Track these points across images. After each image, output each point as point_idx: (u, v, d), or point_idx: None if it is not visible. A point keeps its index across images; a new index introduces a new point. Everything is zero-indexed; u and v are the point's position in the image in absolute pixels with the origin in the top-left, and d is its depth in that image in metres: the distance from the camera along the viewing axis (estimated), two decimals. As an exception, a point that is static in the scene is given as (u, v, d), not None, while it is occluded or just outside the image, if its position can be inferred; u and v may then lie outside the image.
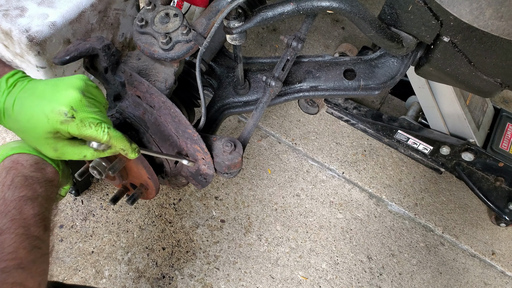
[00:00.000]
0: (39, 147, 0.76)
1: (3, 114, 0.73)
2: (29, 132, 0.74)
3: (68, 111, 0.71)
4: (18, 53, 0.98)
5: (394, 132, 1.77)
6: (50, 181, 0.82)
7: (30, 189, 0.77)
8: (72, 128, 0.72)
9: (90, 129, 0.73)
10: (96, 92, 0.77)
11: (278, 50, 2.11)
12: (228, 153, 0.95)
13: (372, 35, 0.99)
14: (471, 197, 1.79)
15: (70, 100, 0.72)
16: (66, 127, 0.72)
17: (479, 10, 0.81)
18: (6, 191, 0.75)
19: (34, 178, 0.79)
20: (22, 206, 0.75)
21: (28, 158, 0.81)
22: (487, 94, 1.08)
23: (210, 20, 0.90)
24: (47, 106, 0.71)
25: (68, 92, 0.73)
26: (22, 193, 0.76)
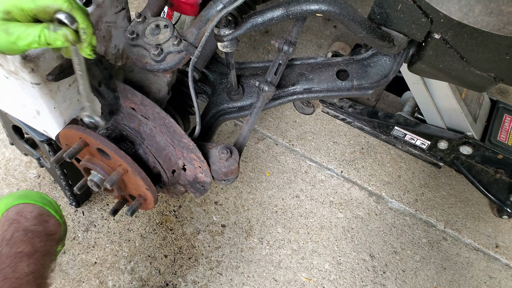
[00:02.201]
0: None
1: None
2: None
3: None
4: (12, 70, 0.98)
5: (391, 129, 1.77)
6: (51, 235, 0.82)
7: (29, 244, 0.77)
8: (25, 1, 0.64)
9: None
10: None
11: (271, 52, 2.11)
12: (225, 160, 0.95)
13: (362, 36, 0.99)
14: (471, 191, 1.79)
15: None
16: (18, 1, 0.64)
17: (468, 7, 0.81)
18: (4, 247, 0.76)
19: (35, 232, 0.79)
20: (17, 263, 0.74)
21: (32, 209, 0.82)
22: (482, 89, 1.08)
23: (200, 29, 0.90)
24: None
25: None
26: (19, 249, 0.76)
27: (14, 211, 0.82)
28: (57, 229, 0.85)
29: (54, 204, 0.89)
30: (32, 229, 0.80)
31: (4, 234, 0.78)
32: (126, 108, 0.92)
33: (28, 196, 0.85)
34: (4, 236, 0.78)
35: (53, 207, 0.87)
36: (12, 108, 1.22)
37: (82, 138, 0.88)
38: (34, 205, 0.83)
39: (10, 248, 0.76)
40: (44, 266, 0.80)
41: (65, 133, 0.92)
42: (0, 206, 0.85)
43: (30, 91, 1.02)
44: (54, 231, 0.84)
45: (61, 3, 0.65)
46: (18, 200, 0.83)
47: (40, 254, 0.79)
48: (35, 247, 0.78)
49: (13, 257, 0.75)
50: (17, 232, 0.78)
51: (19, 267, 0.75)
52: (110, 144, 0.86)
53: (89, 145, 0.90)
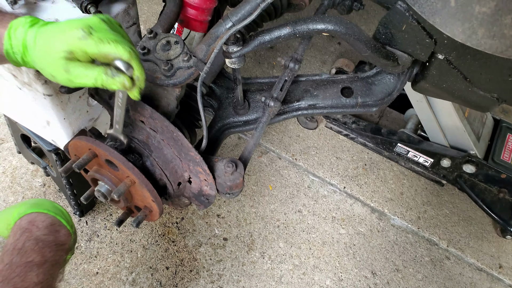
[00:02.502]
0: (52, 71, 0.73)
1: (25, 47, 0.73)
2: (45, 56, 0.72)
3: (86, 29, 0.70)
4: (26, 82, 1.01)
5: (393, 146, 1.78)
6: (61, 245, 0.84)
7: (39, 254, 0.79)
8: (89, 45, 0.69)
9: (109, 45, 0.69)
10: (121, 29, 0.75)
11: (275, 67, 2.14)
12: (230, 173, 0.96)
13: (367, 55, 1.01)
14: (474, 209, 1.79)
15: (90, 22, 0.71)
16: (83, 44, 0.69)
17: (471, 30, 0.83)
18: (15, 256, 0.77)
19: (45, 241, 0.81)
20: (27, 273, 0.76)
21: (44, 219, 0.84)
22: (485, 109, 1.09)
23: (209, 46, 0.92)
24: (66, 27, 0.71)
25: (90, 18, 0.73)
26: (29, 259, 0.77)
27: (26, 220, 0.83)
28: (67, 239, 0.86)
29: (66, 214, 0.91)
30: (43, 239, 0.81)
31: (16, 242, 0.79)
32: (135, 121, 0.94)
33: (41, 205, 0.86)
34: (16, 244, 0.79)
35: (65, 217, 0.89)
36: (22, 118, 1.25)
37: (91, 149, 0.90)
38: (46, 215, 0.84)
39: (21, 257, 0.77)
40: (53, 276, 0.81)
41: (75, 143, 0.94)
42: (13, 214, 0.86)
43: (42, 102, 1.05)
44: (64, 241, 0.85)
45: (122, 53, 0.71)
46: (31, 209, 0.85)
47: (50, 264, 0.80)
48: (45, 257, 0.79)
49: (23, 266, 0.76)
50: (28, 241, 0.79)
51: (28, 277, 0.76)
52: (119, 155, 0.87)
53: (97, 156, 0.91)
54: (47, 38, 0.72)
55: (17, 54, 0.75)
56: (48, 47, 0.72)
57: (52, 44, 0.71)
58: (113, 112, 0.97)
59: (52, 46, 0.71)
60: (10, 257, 0.77)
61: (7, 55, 0.76)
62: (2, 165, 1.68)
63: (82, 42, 0.70)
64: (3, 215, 0.90)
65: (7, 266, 0.76)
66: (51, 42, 0.72)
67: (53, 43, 0.71)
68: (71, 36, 0.70)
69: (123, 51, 0.71)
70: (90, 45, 0.70)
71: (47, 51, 0.72)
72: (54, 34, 0.72)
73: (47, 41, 0.72)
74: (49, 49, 0.72)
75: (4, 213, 0.91)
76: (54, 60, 0.71)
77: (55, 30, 0.72)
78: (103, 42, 0.70)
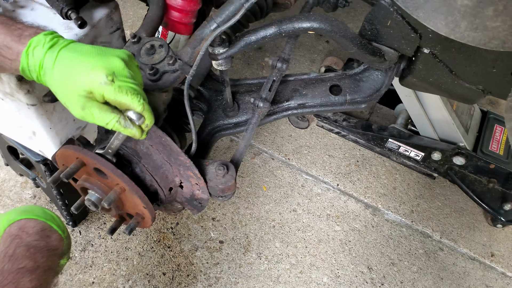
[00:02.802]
0: (68, 103, 0.75)
1: (41, 68, 0.74)
2: (64, 87, 0.73)
3: (109, 75, 0.72)
4: (8, 92, 0.99)
5: (385, 141, 1.79)
6: (54, 250, 0.83)
7: (31, 259, 0.78)
8: (108, 92, 0.72)
9: (127, 96, 0.73)
10: (137, 70, 0.78)
11: (265, 68, 2.14)
12: (221, 176, 0.95)
13: (354, 52, 1.01)
14: (466, 200, 1.80)
15: (114, 65, 0.73)
16: (103, 89, 0.72)
17: (454, 23, 0.83)
18: (6, 263, 0.76)
19: (37, 247, 0.80)
20: (20, 279, 0.75)
21: (34, 224, 0.83)
22: (471, 101, 1.10)
23: (195, 48, 0.92)
24: (91, 65, 0.72)
25: (114, 59, 0.74)
26: (21, 265, 0.76)
27: (16, 226, 0.82)
28: (59, 244, 0.85)
29: (57, 219, 0.90)
30: (34, 245, 0.80)
31: (7, 250, 0.78)
32: (123, 127, 0.93)
33: (31, 211, 0.86)
34: (6, 252, 0.78)
35: (56, 222, 0.88)
36: (7, 129, 1.23)
37: (79, 158, 0.89)
38: (36, 220, 0.84)
39: (12, 264, 0.76)
40: (47, 282, 0.80)
41: (62, 153, 0.92)
42: (2, 221, 0.85)
43: (26, 112, 1.03)
44: (56, 246, 0.84)
45: (136, 105, 0.75)
46: (20, 215, 0.84)
47: (42, 269, 0.79)
48: (37, 263, 0.78)
49: (15, 273, 0.76)
50: (19, 247, 0.79)
51: (21, 283, 0.75)
52: (107, 163, 0.86)
53: (86, 164, 0.90)
54: (68, 69, 0.73)
55: (33, 73, 0.76)
56: (67, 79, 0.73)
57: (72, 79, 0.72)
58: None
59: (72, 81, 0.72)
60: (1, 264, 0.76)
61: (23, 72, 0.76)
62: (-10, 177, 1.66)
63: (103, 87, 0.72)
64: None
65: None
66: (71, 75, 0.72)
67: (73, 77, 0.72)
68: (93, 79, 0.71)
69: (137, 104, 0.74)
70: (109, 91, 0.72)
71: (65, 83, 0.73)
72: (76, 67, 0.72)
73: (66, 72, 0.73)
74: (69, 82, 0.72)
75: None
76: (73, 95, 0.73)
77: (77, 63, 0.72)
78: (121, 91, 0.72)
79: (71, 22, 1.01)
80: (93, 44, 0.77)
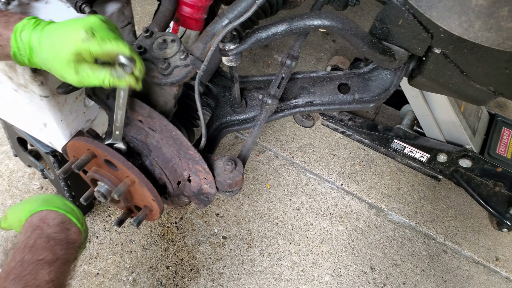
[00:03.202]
0: (63, 73, 0.77)
1: (31, 50, 0.77)
2: (54, 59, 0.76)
3: (88, 31, 0.74)
4: (22, 83, 1.00)
5: (390, 142, 1.79)
6: (72, 243, 0.84)
7: (51, 251, 0.79)
8: (93, 46, 0.74)
9: (111, 43, 0.75)
10: (115, 28, 0.81)
11: (271, 66, 2.14)
12: (229, 171, 0.96)
13: (364, 50, 1.01)
14: (471, 203, 1.80)
15: (91, 23, 0.76)
16: (88, 45, 0.74)
17: (468, 23, 0.83)
18: (27, 253, 0.78)
19: (56, 239, 0.81)
20: (38, 270, 0.76)
21: (55, 216, 0.84)
22: (481, 102, 1.10)
23: (206, 44, 0.92)
24: (70, 29, 0.75)
25: (90, 18, 0.77)
26: (41, 256, 0.77)
27: (37, 217, 0.83)
28: (78, 237, 0.86)
29: (77, 212, 0.90)
30: (54, 237, 0.81)
31: (27, 240, 0.79)
32: (133, 121, 0.94)
33: (52, 202, 0.86)
34: (27, 242, 0.79)
35: (75, 215, 0.88)
36: (18, 120, 1.24)
37: (90, 150, 0.90)
38: (57, 212, 0.84)
39: (33, 255, 0.77)
40: (64, 274, 0.80)
41: (73, 144, 0.93)
42: (24, 210, 0.86)
43: (39, 104, 1.04)
44: (75, 239, 0.85)
45: (124, 49, 0.77)
46: (41, 206, 0.85)
47: (61, 262, 0.79)
48: (56, 255, 0.79)
49: (35, 264, 0.76)
50: (39, 239, 0.79)
51: (40, 275, 0.76)
52: (118, 155, 0.87)
53: (96, 156, 0.91)
54: (52, 40, 0.76)
55: (24, 56, 0.79)
56: (54, 49, 0.76)
57: (58, 47, 0.75)
58: (111, 112, 0.97)
59: (59, 49, 0.75)
60: (22, 255, 0.77)
61: (15, 57, 0.80)
62: (-2, 168, 1.67)
63: (86, 43, 0.74)
64: (15, 211, 0.90)
65: (19, 263, 0.76)
66: (57, 44, 0.76)
67: (59, 46, 0.75)
68: (76, 38, 0.74)
69: (124, 47, 0.76)
70: (94, 45, 0.75)
71: (54, 54, 0.76)
72: (58, 36, 0.76)
73: (52, 44, 0.76)
74: (56, 52, 0.76)
75: (16, 208, 0.91)
76: (63, 62, 0.76)
77: (59, 32, 0.76)
78: (105, 41, 0.75)
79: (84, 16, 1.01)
80: None
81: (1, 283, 0.74)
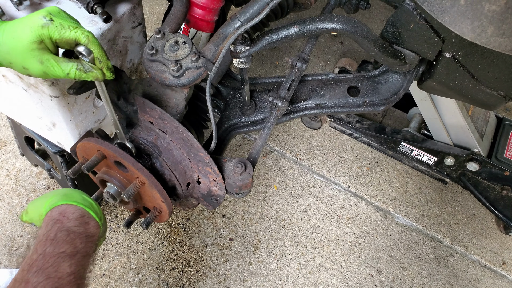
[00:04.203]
0: (26, 63, 0.77)
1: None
2: (16, 49, 0.76)
3: (47, 15, 0.75)
4: (32, 83, 1.00)
5: (397, 145, 1.79)
6: (91, 237, 0.85)
7: (71, 245, 0.80)
8: (53, 31, 0.75)
9: (70, 31, 0.76)
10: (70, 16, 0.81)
11: (278, 67, 2.14)
12: (239, 174, 0.96)
13: (375, 54, 1.01)
14: (478, 207, 1.79)
15: (48, 9, 0.77)
16: (47, 30, 0.75)
17: (480, 28, 0.83)
18: (48, 246, 0.78)
19: (76, 233, 0.82)
20: (60, 263, 0.77)
21: (74, 210, 0.84)
22: (491, 107, 1.09)
23: (218, 46, 0.92)
24: (28, 18, 0.76)
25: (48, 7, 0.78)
26: (62, 249, 0.78)
27: (57, 211, 0.84)
28: (96, 231, 0.86)
29: (95, 206, 0.91)
30: (74, 230, 0.81)
31: (48, 233, 0.80)
32: (144, 122, 0.94)
33: (71, 197, 0.87)
34: (48, 235, 0.80)
35: (94, 209, 0.89)
36: (27, 120, 1.24)
37: (100, 151, 0.90)
38: (76, 207, 0.85)
39: (54, 248, 0.78)
40: (84, 267, 0.81)
41: (83, 145, 0.93)
42: (45, 205, 0.87)
43: (48, 104, 1.04)
44: (94, 233, 0.85)
45: (80, 36, 0.77)
46: (61, 200, 0.85)
47: (81, 255, 0.80)
48: (76, 248, 0.80)
49: (56, 257, 0.77)
50: (60, 232, 0.80)
51: (61, 267, 0.76)
52: (128, 157, 0.87)
53: (106, 157, 0.91)
54: (13, 31, 0.76)
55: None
56: (15, 40, 0.76)
57: (19, 36, 0.76)
58: (120, 112, 0.97)
59: (20, 38, 0.75)
60: (44, 247, 0.78)
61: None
62: (5, 167, 1.68)
63: (46, 29, 0.75)
64: (36, 205, 0.91)
65: (41, 256, 0.77)
66: (17, 34, 0.75)
67: (19, 35, 0.75)
68: (35, 24, 0.75)
69: (81, 35, 0.76)
70: (53, 31, 0.75)
71: (15, 44, 0.76)
72: (18, 26, 0.76)
73: (13, 35, 0.76)
74: (17, 41, 0.75)
75: (36, 203, 0.92)
76: (26, 51, 0.75)
77: (18, 23, 0.76)
78: (64, 28, 0.75)
79: (95, 16, 1.02)
80: (115, 39, 0.79)
81: (24, 275, 0.74)
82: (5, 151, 1.72)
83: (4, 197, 1.61)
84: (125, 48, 1.15)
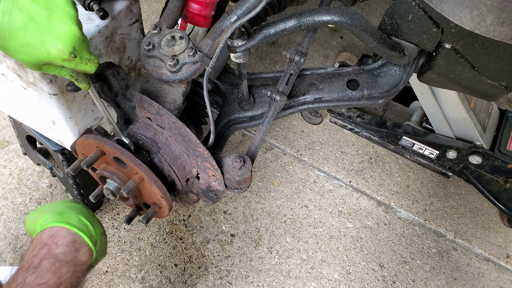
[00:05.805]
0: (24, 64, 0.75)
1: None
2: (20, 55, 0.73)
3: (71, 52, 0.72)
4: (31, 81, 1.00)
5: (399, 139, 1.78)
6: (80, 265, 0.80)
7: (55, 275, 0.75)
8: (71, 65, 0.74)
9: (85, 66, 0.76)
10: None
11: (278, 63, 2.14)
12: (238, 169, 0.96)
13: (373, 46, 1.00)
14: (481, 200, 1.78)
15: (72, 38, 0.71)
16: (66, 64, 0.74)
17: (480, 17, 0.82)
18: (30, 275, 0.74)
19: (63, 261, 0.77)
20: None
21: (66, 235, 0.80)
22: (493, 98, 1.08)
23: (214, 40, 0.92)
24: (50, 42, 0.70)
25: (68, 27, 0.71)
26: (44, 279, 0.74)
27: (48, 234, 0.80)
28: (87, 259, 0.82)
29: (91, 229, 0.86)
30: (61, 258, 0.77)
31: (33, 259, 0.76)
32: (142, 118, 0.94)
33: (66, 217, 0.83)
34: (32, 261, 0.76)
35: (89, 233, 0.84)
36: (27, 119, 1.24)
37: (99, 147, 0.90)
38: (68, 230, 0.81)
39: (35, 278, 0.74)
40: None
41: (82, 142, 0.94)
42: (38, 222, 0.84)
43: (48, 102, 1.05)
44: (84, 261, 0.81)
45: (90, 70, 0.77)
46: (54, 221, 0.81)
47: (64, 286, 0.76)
48: (61, 279, 0.76)
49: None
50: (45, 259, 0.76)
51: None
52: (127, 153, 0.87)
53: (105, 153, 0.91)
54: (27, 40, 0.72)
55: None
56: (25, 49, 0.72)
57: (31, 52, 0.73)
58: (119, 109, 0.97)
59: (31, 53, 0.73)
60: (24, 276, 0.74)
61: None
62: (8, 167, 1.68)
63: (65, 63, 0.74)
64: (31, 220, 0.88)
65: (19, 286, 0.73)
66: (32, 49, 0.73)
67: (33, 51, 0.72)
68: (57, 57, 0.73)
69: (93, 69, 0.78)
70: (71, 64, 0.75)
71: (24, 52, 0.72)
72: (37, 42, 0.71)
73: (27, 45, 0.73)
74: (27, 53, 0.72)
75: (32, 217, 0.89)
76: (29, 61, 0.73)
77: (36, 35, 0.72)
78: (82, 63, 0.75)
79: (92, 13, 1.01)
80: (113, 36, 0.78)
81: None
82: (8, 150, 1.72)
83: (7, 196, 1.61)
84: (122, 45, 1.15)
